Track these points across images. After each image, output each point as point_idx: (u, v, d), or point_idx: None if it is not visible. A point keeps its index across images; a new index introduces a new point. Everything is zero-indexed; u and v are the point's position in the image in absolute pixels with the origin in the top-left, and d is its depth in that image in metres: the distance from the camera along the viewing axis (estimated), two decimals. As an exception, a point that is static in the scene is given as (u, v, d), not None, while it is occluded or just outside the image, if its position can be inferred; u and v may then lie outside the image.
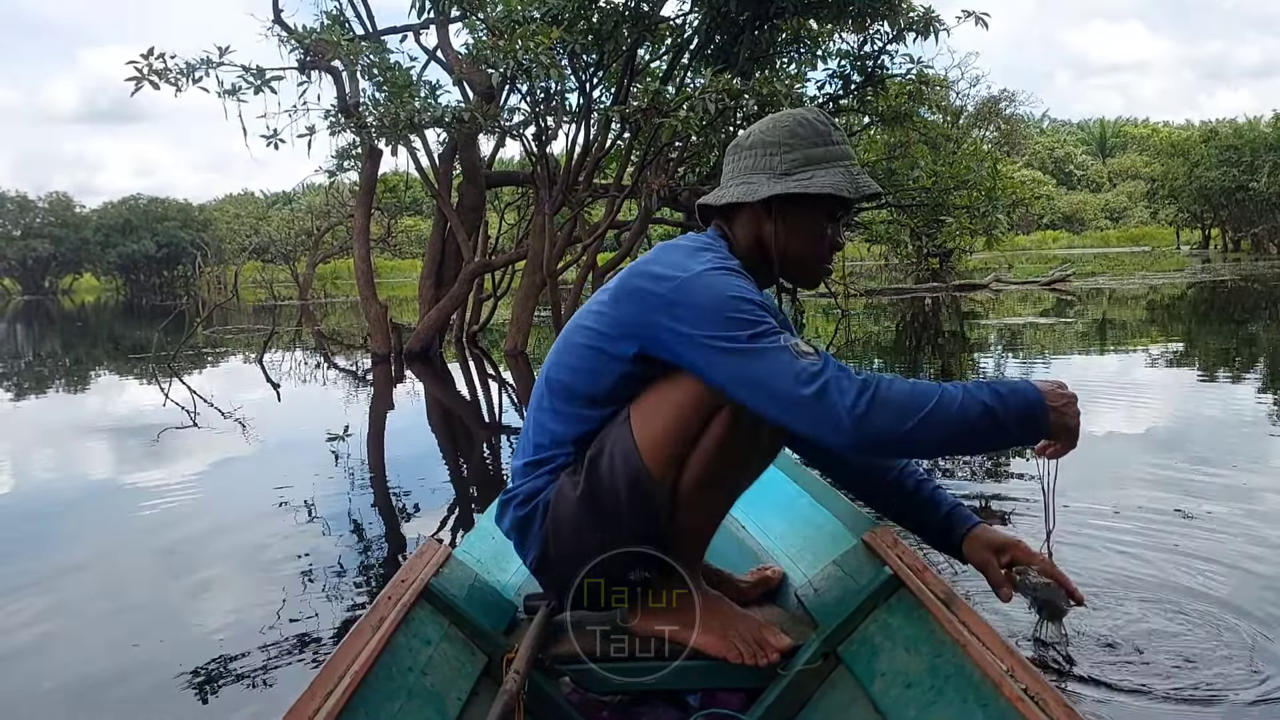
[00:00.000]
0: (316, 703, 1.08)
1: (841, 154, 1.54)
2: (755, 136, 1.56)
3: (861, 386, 1.27)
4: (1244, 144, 32.38)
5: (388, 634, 1.28)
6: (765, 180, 1.52)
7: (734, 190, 1.54)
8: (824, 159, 1.52)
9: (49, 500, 4.26)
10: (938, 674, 1.28)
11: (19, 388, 8.92)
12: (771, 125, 1.55)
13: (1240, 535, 2.95)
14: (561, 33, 7.79)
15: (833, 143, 1.53)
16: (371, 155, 9.61)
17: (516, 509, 1.56)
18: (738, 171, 1.56)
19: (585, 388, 1.48)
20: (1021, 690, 1.10)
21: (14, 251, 43.44)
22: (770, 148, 1.53)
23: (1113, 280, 19.09)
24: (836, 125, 1.58)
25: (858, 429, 1.25)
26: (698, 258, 1.43)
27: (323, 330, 15.49)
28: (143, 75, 7.52)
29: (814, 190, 1.49)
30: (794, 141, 1.52)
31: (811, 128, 1.53)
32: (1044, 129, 63.41)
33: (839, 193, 1.49)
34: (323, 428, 5.80)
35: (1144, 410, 5.28)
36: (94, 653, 2.43)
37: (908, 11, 9.11)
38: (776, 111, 1.62)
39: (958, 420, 1.28)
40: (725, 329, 1.33)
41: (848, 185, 1.51)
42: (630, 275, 1.46)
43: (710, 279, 1.38)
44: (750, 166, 1.54)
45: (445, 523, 3.62)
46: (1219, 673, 2.03)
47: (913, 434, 1.27)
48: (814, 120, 1.55)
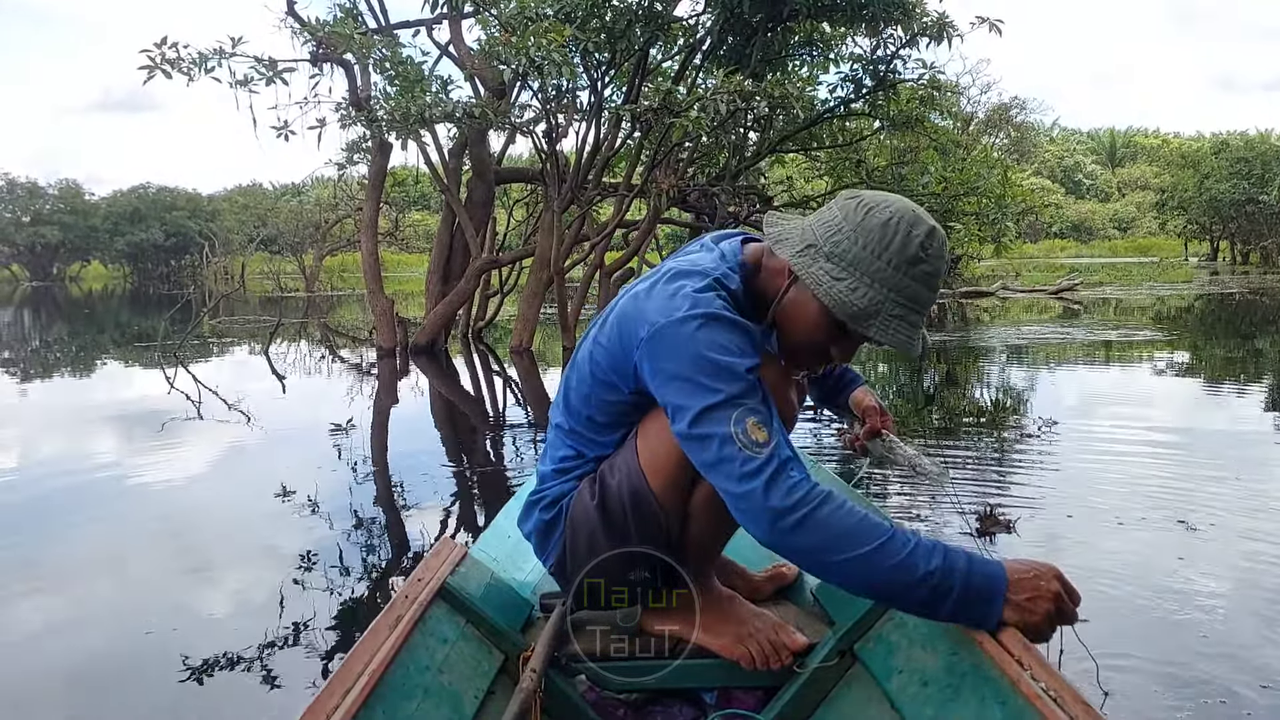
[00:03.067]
0: (335, 700, 1.07)
1: (898, 284, 1.30)
2: (854, 202, 1.36)
3: (799, 500, 1.18)
4: (1255, 156, 32.32)
5: (405, 632, 1.28)
6: (800, 242, 1.36)
7: (777, 228, 1.41)
8: (874, 274, 1.30)
9: (52, 490, 4.26)
10: (955, 672, 1.27)
11: (25, 374, 8.94)
12: (870, 204, 1.34)
13: (1242, 546, 2.94)
14: (574, 30, 7.78)
15: (905, 271, 1.30)
16: (381, 149, 9.62)
17: (542, 512, 1.56)
18: (815, 220, 1.39)
19: (600, 415, 1.49)
20: (1040, 688, 1.10)
21: (23, 238, 43.49)
22: (848, 221, 1.33)
23: (1120, 290, 19.06)
24: (933, 262, 1.32)
25: (777, 539, 1.20)
26: (685, 296, 1.32)
27: (329, 323, 15.50)
28: (155, 64, 7.52)
29: (815, 290, 1.32)
30: (861, 235, 1.31)
31: (899, 240, 1.30)
32: (1054, 137, 63.30)
33: (837, 312, 1.32)
34: (327, 421, 5.80)
35: (1149, 420, 5.26)
36: (101, 646, 2.43)
37: (921, 16, 9.09)
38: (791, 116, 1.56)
39: (891, 573, 1.17)
40: (680, 395, 1.26)
41: (857, 312, 1.30)
42: (624, 308, 1.41)
43: (684, 332, 1.28)
44: (824, 220, 1.37)
45: (449, 518, 3.62)
46: (1223, 675, 2.03)
47: (835, 567, 1.19)
48: (912, 236, 1.30)
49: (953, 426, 5.28)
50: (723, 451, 1.21)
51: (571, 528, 1.50)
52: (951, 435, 5.03)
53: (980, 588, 1.20)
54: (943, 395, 6.60)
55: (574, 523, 1.49)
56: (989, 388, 7.04)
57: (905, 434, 5.03)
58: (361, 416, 6.11)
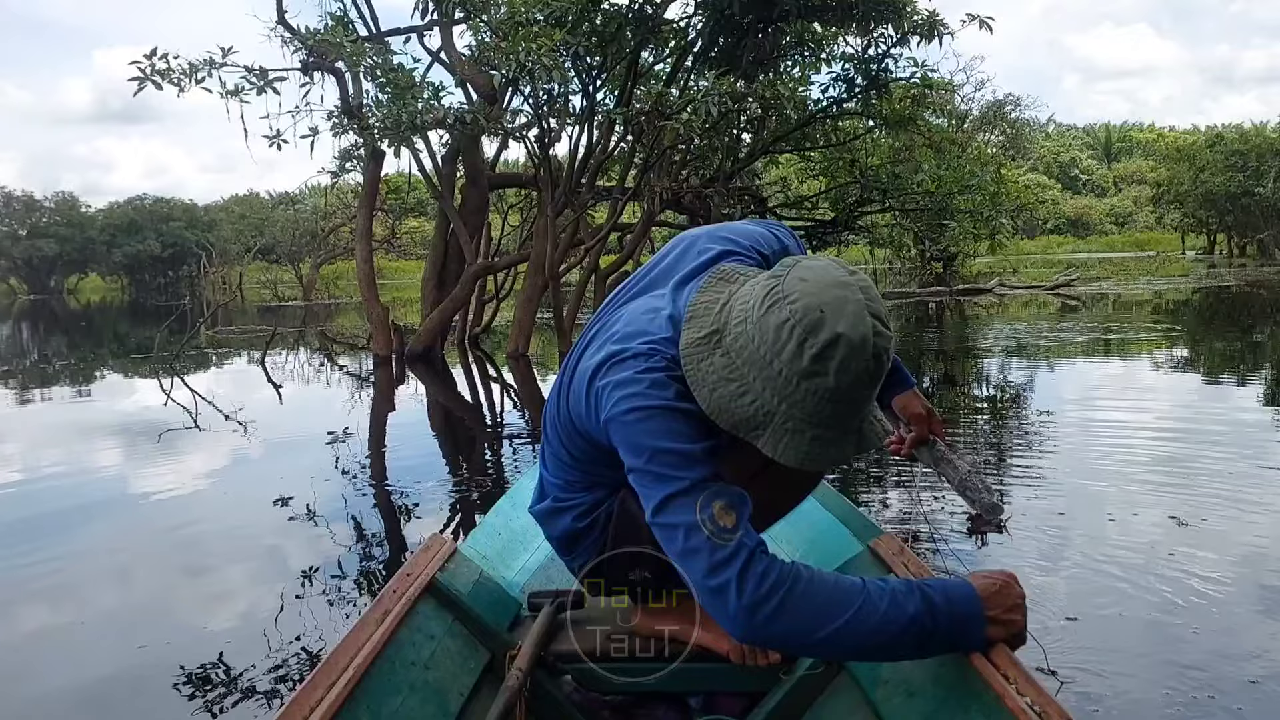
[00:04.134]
0: (318, 695, 1.07)
1: (791, 396, 1.14)
2: (765, 290, 1.18)
3: (772, 587, 1.12)
4: (1250, 149, 32.30)
5: (392, 628, 1.28)
6: (710, 325, 1.23)
7: (703, 302, 1.26)
8: (766, 380, 1.15)
9: (51, 501, 4.26)
10: (940, 683, 1.27)
11: (23, 387, 8.94)
12: (779, 295, 1.15)
13: (1234, 541, 2.95)
14: (565, 35, 7.79)
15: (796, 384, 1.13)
16: (374, 157, 9.63)
17: (576, 520, 1.51)
18: (749, 288, 1.23)
19: (595, 456, 1.43)
20: (1025, 703, 1.09)
21: (20, 251, 43.52)
22: (752, 308, 1.18)
23: (1118, 285, 19.07)
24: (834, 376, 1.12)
25: (755, 632, 1.14)
26: (630, 387, 1.23)
27: (326, 331, 15.51)
28: (145, 75, 7.54)
29: (693, 390, 1.21)
30: (758, 332, 1.16)
31: (790, 347, 1.12)
32: (1049, 133, 63.29)
33: (714, 419, 1.20)
34: (325, 429, 5.80)
35: (1143, 415, 5.27)
36: (101, 651, 2.43)
37: (912, 15, 9.10)
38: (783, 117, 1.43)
39: (874, 633, 1.14)
40: (644, 485, 1.21)
41: (738, 421, 1.18)
42: (581, 384, 1.34)
43: (637, 429, 1.21)
44: (745, 297, 1.21)
45: (447, 522, 3.62)
46: (1213, 669, 2.04)
47: (819, 644, 1.15)
48: (805, 346, 1.11)
49: (946, 421, 5.28)
50: (689, 542, 1.15)
51: (617, 536, 1.47)
52: (948, 430, 5.03)
53: (962, 615, 1.18)
54: (940, 392, 6.61)
55: (620, 533, 1.47)
56: (984, 384, 7.04)
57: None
58: (358, 424, 6.12)
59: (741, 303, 1.21)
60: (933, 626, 1.15)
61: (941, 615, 1.16)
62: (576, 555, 1.55)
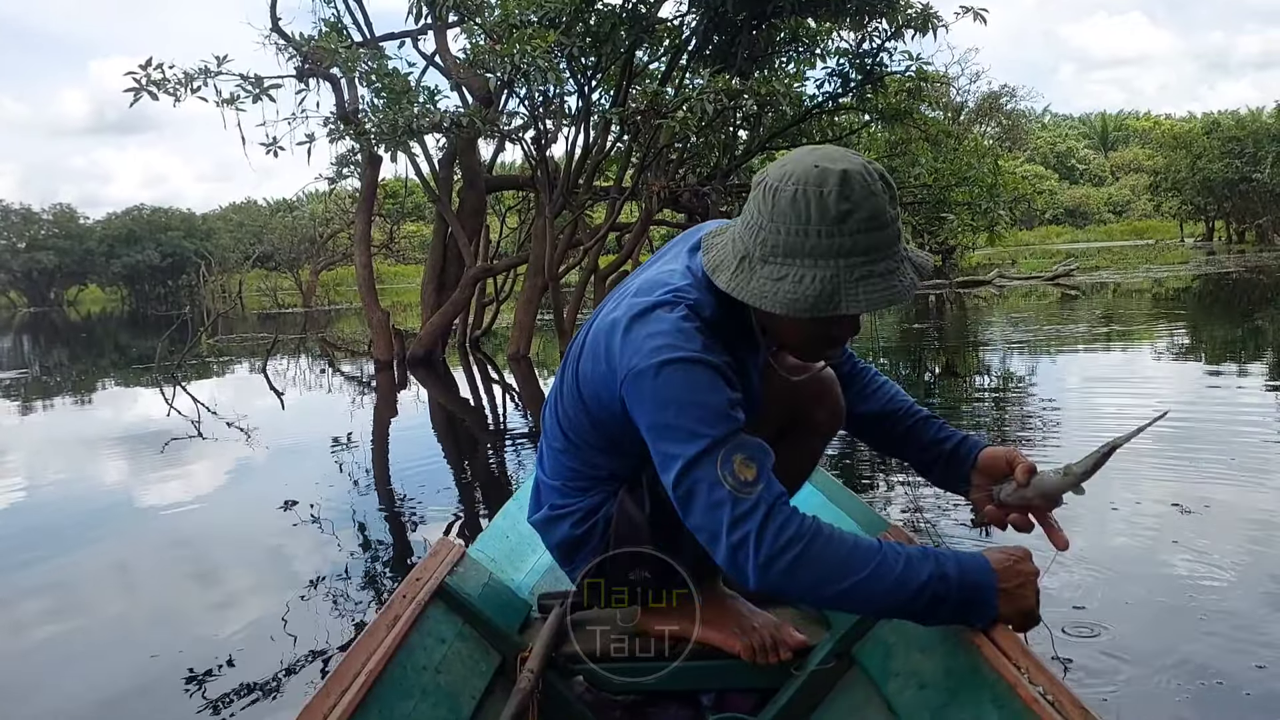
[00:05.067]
0: (331, 700, 1.08)
1: (841, 248, 1.18)
2: (759, 190, 1.24)
3: (790, 540, 1.15)
4: (1246, 135, 32.26)
5: (403, 632, 1.28)
6: (736, 258, 1.25)
7: (713, 255, 1.30)
8: (811, 253, 1.18)
9: (58, 512, 4.27)
10: (952, 675, 1.26)
11: (26, 399, 8.94)
12: (774, 184, 1.21)
13: (1236, 530, 2.95)
14: (559, 36, 7.79)
15: (838, 233, 1.17)
16: (371, 162, 9.63)
17: (574, 527, 1.50)
18: (740, 225, 1.28)
19: (600, 438, 1.43)
20: (1038, 692, 1.09)
21: (19, 264, 43.55)
22: (761, 215, 1.22)
23: (1117, 274, 19.05)
24: (861, 206, 1.17)
25: (769, 582, 1.16)
26: (655, 336, 1.24)
27: (327, 337, 15.51)
28: (141, 86, 7.53)
29: (762, 306, 1.22)
30: (779, 221, 1.20)
31: (813, 208, 1.17)
32: (1045, 124, 63.23)
33: (794, 314, 1.20)
34: (328, 435, 5.80)
35: (1146, 401, 5.27)
36: (113, 660, 2.44)
37: (906, 8, 9.09)
38: (779, 114, 1.39)
39: (888, 594, 1.17)
40: (664, 444, 1.22)
41: (815, 302, 1.19)
42: (598, 339, 1.34)
43: (659, 381, 1.22)
44: (745, 222, 1.26)
45: (452, 526, 3.63)
46: (1220, 657, 2.04)
47: (833, 599, 1.19)
48: (825, 197, 1.17)
49: (950, 414, 5.28)
50: (713, 496, 1.17)
51: (618, 540, 1.46)
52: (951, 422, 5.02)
53: (974, 585, 1.20)
54: (942, 383, 6.61)
55: (620, 535, 1.46)
56: (986, 374, 7.04)
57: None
58: (361, 430, 6.12)
59: (747, 225, 1.25)
60: (944, 593, 1.18)
61: (954, 584, 1.18)
62: (576, 564, 1.53)
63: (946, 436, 1.54)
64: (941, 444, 1.53)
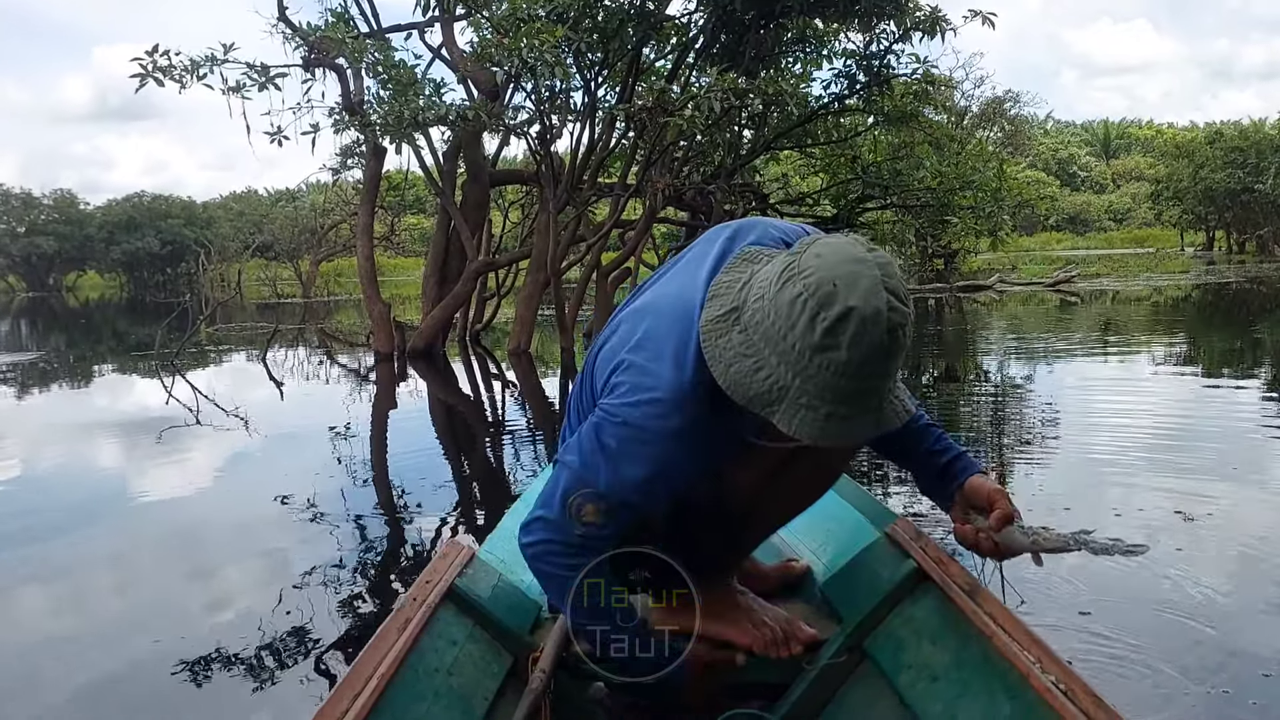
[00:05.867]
0: (344, 705, 1.07)
1: (804, 371, 1.11)
2: (782, 266, 1.17)
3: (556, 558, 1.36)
4: (1249, 145, 32.28)
5: (414, 635, 1.27)
6: (730, 303, 1.22)
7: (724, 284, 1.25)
8: (781, 355, 1.13)
9: (53, 500, 4.25)
10: (964, 666, 1.27)
11: (23, 384, 8.92)
12: (795, 270, 1.14)
13: (1241, 537, 2.95)
14: (567, 31, 7.77)
15: (809, 358, 1.10)
16: (376, 153, 9.60)
17: None
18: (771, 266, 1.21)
19: None
20: (1050, 682, 1.09)
21: (18, 248, 43.47)
22: (770, 286, 1.16)
23: (1117, 282, 19.07)
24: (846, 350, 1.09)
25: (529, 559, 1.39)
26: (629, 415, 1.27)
27: (326, 329, 15.49)
28: (147, 72, 7.51)
29: (710, 365, 1.19)
30: (773, 307, 1.14)
31: (803, 321, 1.10)
32: (1048, 130, 63.31)
33: (730, 393, 1.18)
34: (326, 427, 5.79)
35: (1147, 409, 5.27)
36: (103, 654, 2.42)
37: (914, 11, 9.09)
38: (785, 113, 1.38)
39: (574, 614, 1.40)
40: (572, 453, 1.34)
41: (753, 396, 1.15)
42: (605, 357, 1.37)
43: (613, 414, 1.28)
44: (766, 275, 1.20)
45: (449, 521, 3.61)
46: (1226, 665, 2.03)
47: None
48: (818, 320, 1.09)
49: (948, 420, 5.28)
50: (553, 496, 1.34)
51: None
52: (949, 429, 5.02)
53: None
54: (942, 387, 6.60)
55: None
56: (986, 379, 7.04)
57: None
58: (360, 422, 6.11)
59: (761, 281, 1.19)
60: None
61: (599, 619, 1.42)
62: None
63: (942, 449, 1.50)
64: (936, 457, 1.50)
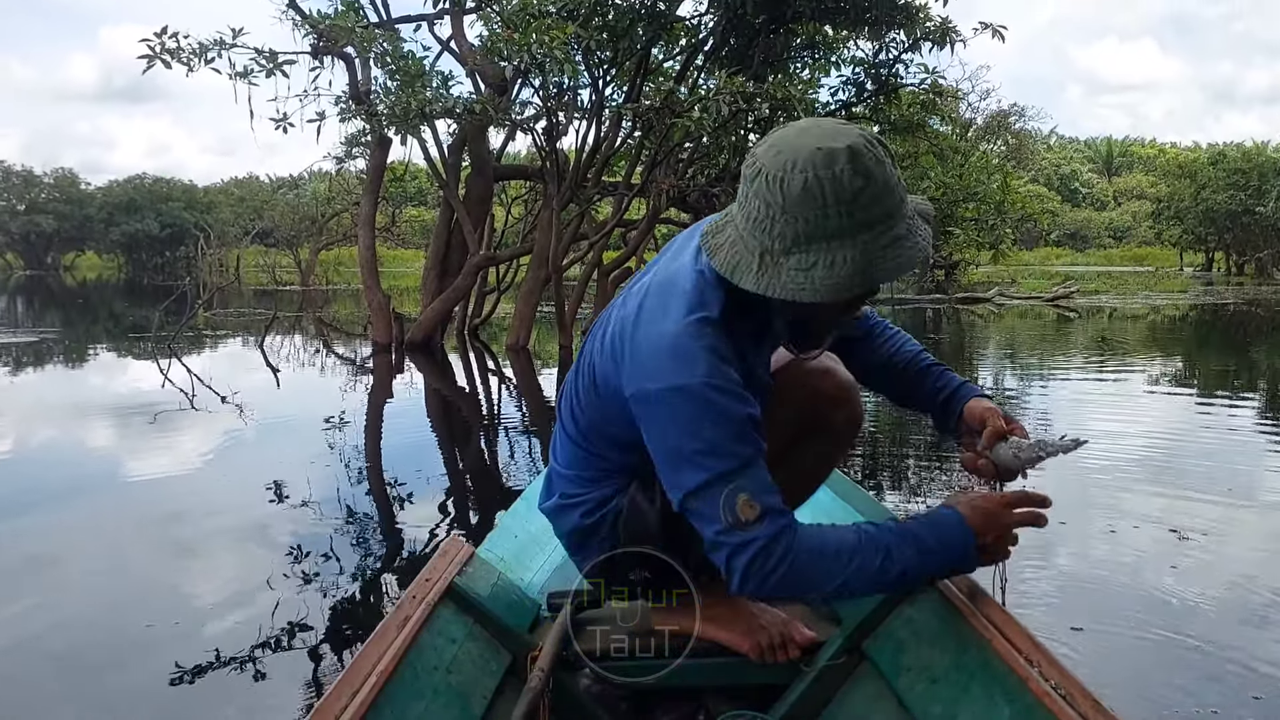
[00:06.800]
0: (343, 702, 1.06)
1: (862, 220, 1.16)
2: (762, 183, 1.20)
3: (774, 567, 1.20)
4: (1251, 168, 32.40)
5: (413, 633, 1.27)
6: (755, 255, 1.22)
7: (724, 256, 1.25)
8: (834, 233, 1.16)
9: (43, 485, 4.21)
10: (963, 669, 1.27)
11: (17, 363, 8.88)
12: (778, 176, 1.18)
13: (1234, 555, 2.96)
14: (576, 28, 7.76)
15: (855, 208, 1.16)
16: (381, 144, 9.58)
17: (583, 516, 1.50)
18: (743, 220, 1.24)
19: (615, 431, 1.41)
20: (1049, 686, 1.09)
21: (17, 226, 43.34)
22: (772, 208, 1.18)
23: (1116, 299, 19.11)
24: (873, 178, 1.17)
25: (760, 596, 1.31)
26: (666, 350, 1.24)
27: (324, 317, 15.46)
28: (155, 54, 7.49)
29: (799, 299, 1.19)
30: (796, 211, 1.17)
31: (829, 191, 1.15)
32: (1051, 145, 63.48)
33: (835, 299, 1.19)
34: (322, 417, 5.77)
35: (1143, 428, 5.27)
36: (98, 650, 2.40)
37: (925, 21, 9.10)
38: (792, 119, 1.41)
39: (870, 585, 1.27)
40: (668, 470, 1.25)
41: (849, 279, 1.17)
42: (616, 342, 1.33)
43: (664, 405, 1.23)
44: (752, 217, 1.22)
45: (444, 516, 3.60)
46: (1216, 686, 2.03)
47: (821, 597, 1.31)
48: (838, 177, 1.15)
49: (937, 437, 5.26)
50: (709, 530, 1.22)
51: (628, 534, 1.46)
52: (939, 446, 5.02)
53: (954, 558, 1.28)
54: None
55: (630, 530, 1.45)
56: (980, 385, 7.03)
57: (903, 438, 5.02)
58: (356, 412, 6.09)
59: (754, 221, 1.21)
60: (924, 570, 1.27)
61: (934, 560, 1.27)
62: (586, 555, 1.53)
63: (944, 385, 1.56)
64: (940, 392, 1.56)
